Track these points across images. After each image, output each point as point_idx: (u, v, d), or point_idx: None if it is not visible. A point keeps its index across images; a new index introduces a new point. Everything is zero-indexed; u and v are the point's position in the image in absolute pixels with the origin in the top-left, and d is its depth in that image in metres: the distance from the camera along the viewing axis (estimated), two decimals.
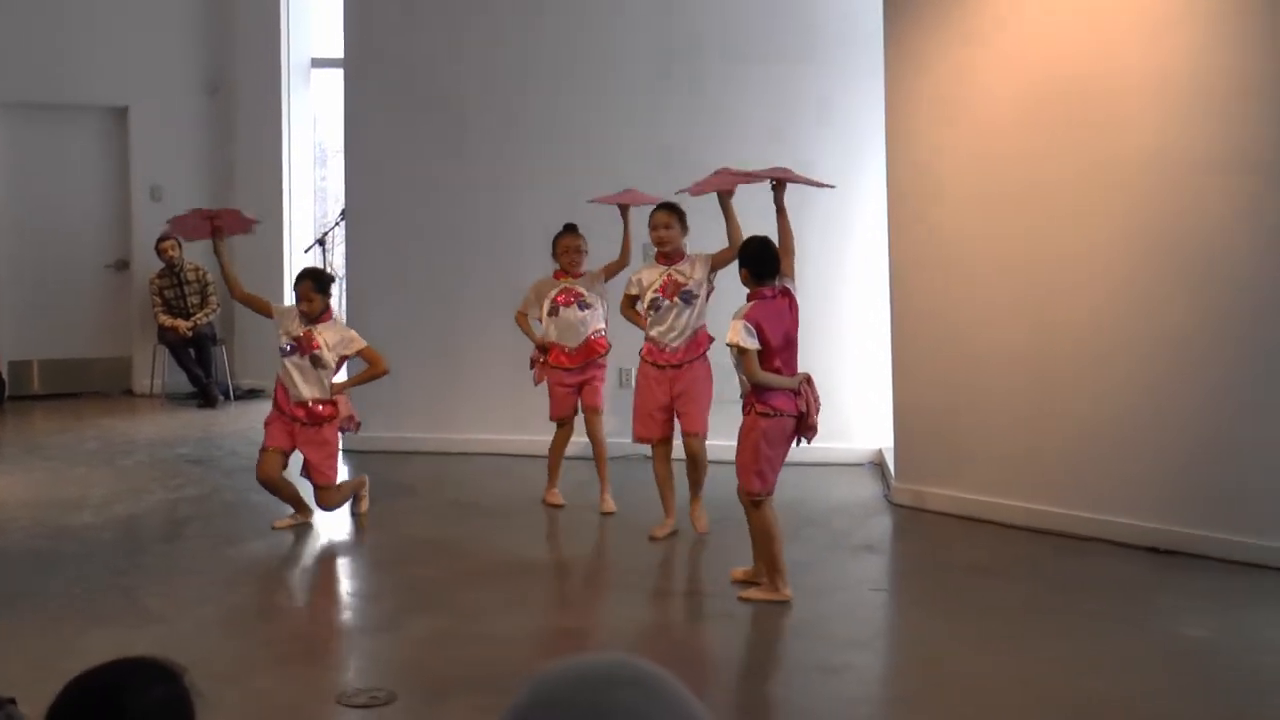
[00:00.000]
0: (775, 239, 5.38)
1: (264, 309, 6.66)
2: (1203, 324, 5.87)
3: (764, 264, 5.27)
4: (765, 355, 5.16)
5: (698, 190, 6.09)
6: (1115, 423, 6.14)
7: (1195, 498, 5.89)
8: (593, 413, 6.82)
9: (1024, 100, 6.42)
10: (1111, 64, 6.10)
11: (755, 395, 5.21)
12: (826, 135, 7.77)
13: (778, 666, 4.79)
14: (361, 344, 6.57)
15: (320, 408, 6.52)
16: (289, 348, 6.49)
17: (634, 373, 7.93)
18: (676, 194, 6.31)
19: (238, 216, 6.83)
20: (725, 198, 5.96)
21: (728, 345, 5.20)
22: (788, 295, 5.29)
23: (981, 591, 5.54)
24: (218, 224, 6.62)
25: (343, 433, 6.70)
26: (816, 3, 8.01)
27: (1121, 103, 6.06)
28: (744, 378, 5.22)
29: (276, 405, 6.57)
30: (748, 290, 5.30)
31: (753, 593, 5.33)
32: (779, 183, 5.63)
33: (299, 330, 6.49)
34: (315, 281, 6.52)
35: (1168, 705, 4.23)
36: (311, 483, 6.55)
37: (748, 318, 5.14)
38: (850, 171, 7.48)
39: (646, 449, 6.43)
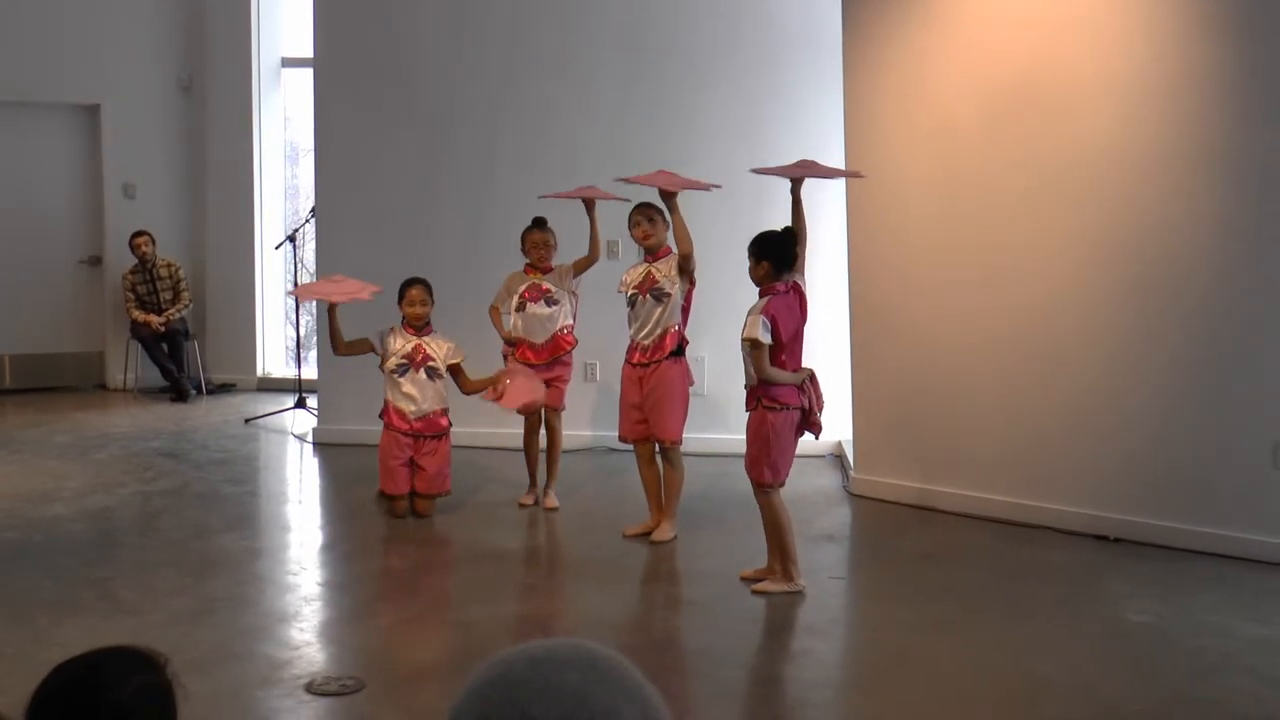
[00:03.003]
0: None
1: (367, 348, 6.63)
2: (1150, 316, 6.02)
3: (785, 258, 5.27)
4: (774, 351, 5.20)
5: (633, 180, 6.14)
6: (1066, 414, 6.29)
7: (1142, 486, 6.05)
8: (553, 412, 6.87)
9: (980, 100, 6.55)
10: (1062, 64, 6.23)
11: (762, 390, 5.26)
12: (788, 133, 7.89)
13: (739, 652, 4.87)
14: (462, 356, 6.65)
15: (442, 419, 6.60)
16: (400, 367, 6.52)
17: (599, 368, 8.09)
18: (614, 180, 6.39)
19: (358, 287, 6.66)
20: (667, 198, 5.97)
21: (743, 340, 5.22)
22: (798, 290, 5.33)
23: (936, 579, 5.69)
24: (337, 300, 6.56)
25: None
26: (779, 3, 8.13)
27: (1073, 101, 6.20)
28: (753, 370, 5.26)
29: (391, 429, 6.55)
30: (758, 285, 5.32)
31: (765, 585, 5.38)
32: (797, 179, 5.63)
33: (408, 347, 6.54)
34: (428, 287, 6.61)
35: (1112, 687, 4.36)
36: (424, 493, 6.58)
37: (765, 312, 5.16)
38: None
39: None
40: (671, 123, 8.17)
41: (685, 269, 6.09)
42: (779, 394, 5.26)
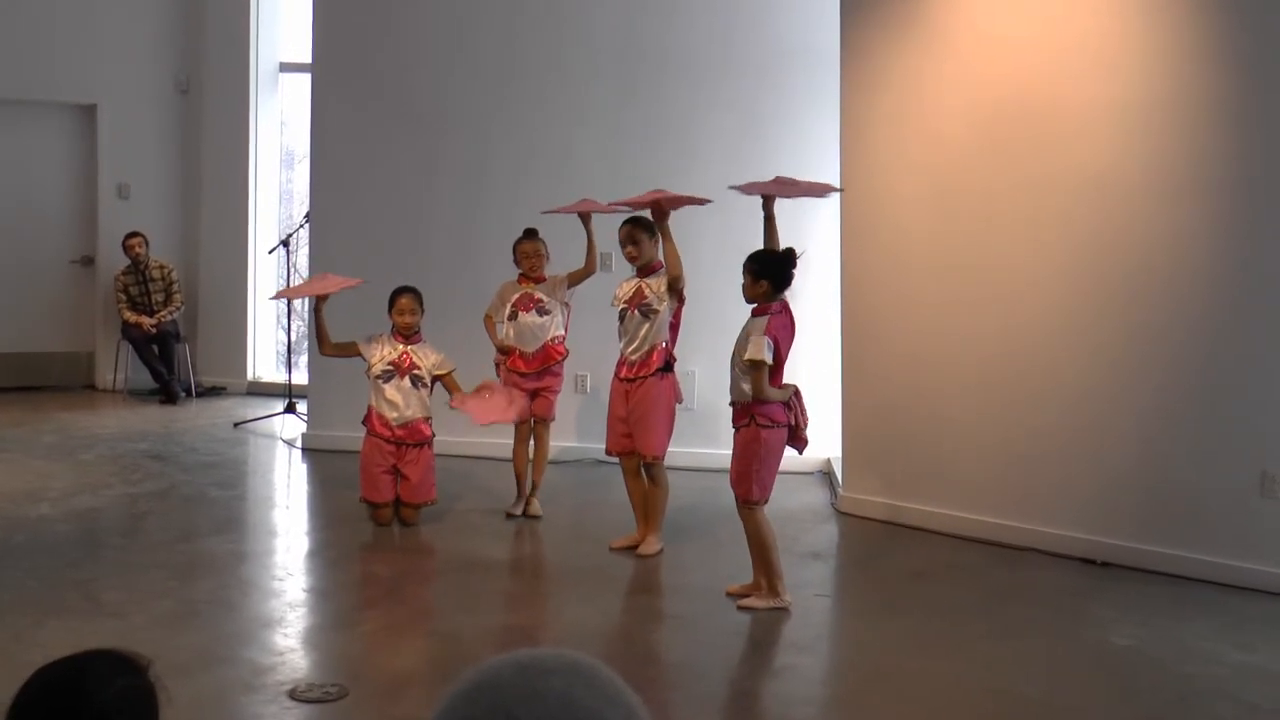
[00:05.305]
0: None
1: (354, 351, 6.62)
2: (1138, 340, 6.03)
3: (784, 277, 5.29)
4: (771, 370, 5.22)
5: (628, 203, 6.21)
6: (1055, 436, 6.30)
7: (1130, 511, 6.06)
8: (541, 422, 6.87)
9: (976, 121, 6.56)
10: (1059, 86, 6.24)
11: (755, 407, 5.27)
12: (784, 146, 7.91)
13: (723, 667, 4.88)
14: (451, 367, 6.63)
15: (425, 428, 6.59)
16: (385, 373, 6.52)
17: (589, 380, 8.09)
18: (610, 204, 6.43)
19: (340, 281, 6.66)
20: (659, 220, 6.01)
21: (748, 360, 5.20)
22: (787, 309, 5.35)
23: (921, 598, 5.69)
24: (324, 295, 6.54)
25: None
26: (777, 18, 8.16)
27: (1069, 124, 6.21)
28: (745, 388, 5.26)
29: (373, 435, 6.55)
30: (752, 302, 5.32)
31: (751, 600, 5.38)
32: (768, 196, 5.64)
33: (394, 354, 6.54)
34: (418, 296, 6.62)
35: (1095, 710, 4.37)
36: (409, 501, 6.57)
37: (768, 333, 5.17)
38: None
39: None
40: (666, 133, 8.19)
41: (674, 289, 6.12)
42: (771, 411, 5.28)
